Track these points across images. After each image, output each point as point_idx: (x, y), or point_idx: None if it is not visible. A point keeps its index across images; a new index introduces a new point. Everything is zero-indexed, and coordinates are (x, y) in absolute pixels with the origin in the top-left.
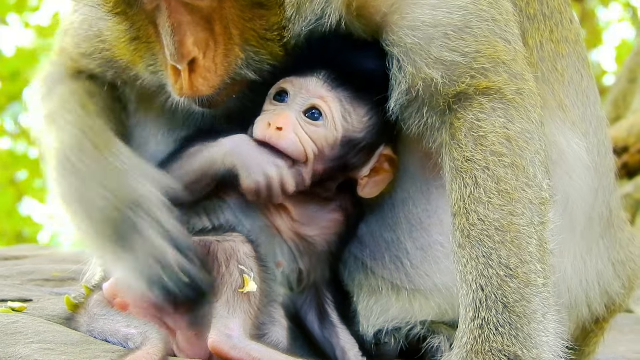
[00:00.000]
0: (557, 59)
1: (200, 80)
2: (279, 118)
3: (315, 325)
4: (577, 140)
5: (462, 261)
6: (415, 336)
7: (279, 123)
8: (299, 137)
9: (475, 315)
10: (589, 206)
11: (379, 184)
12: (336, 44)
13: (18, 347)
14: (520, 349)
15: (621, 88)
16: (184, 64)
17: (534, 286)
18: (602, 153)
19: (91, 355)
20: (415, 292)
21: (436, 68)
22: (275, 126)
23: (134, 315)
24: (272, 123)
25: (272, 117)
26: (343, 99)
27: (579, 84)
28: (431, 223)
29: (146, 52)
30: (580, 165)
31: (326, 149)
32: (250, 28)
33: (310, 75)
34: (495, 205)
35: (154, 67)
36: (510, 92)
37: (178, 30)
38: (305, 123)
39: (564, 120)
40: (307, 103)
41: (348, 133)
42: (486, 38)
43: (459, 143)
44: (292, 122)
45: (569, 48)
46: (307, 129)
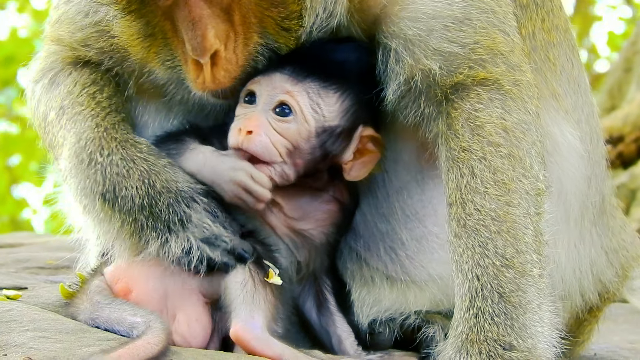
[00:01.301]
0: (549, 48)
1: (223, 72)
2: (248, 122)
3: (312, 313)
4: (570, 130)
5: (458, 251)
6: (409, 326)
7: (249, 127)
8: (269, 138)
9: (471, 304)
10: (583, 194)
11: (366, 166)
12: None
13: (13, 335)
14: (515, 339)
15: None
16: (207, 57)
17: (529, 276)
18: (594, 141)
19: (86, 343)
20: (410, 283)
21: (435, 59)
22: (246, 131)
23: (136, 300)
24: (243, 128)
25: (242, 121)
26: (310, 91)
27: (571, 72)
28: (426, 214)
29: (162, 48)
30: (574, 155)
31: (301, 142)
32: (268, 16)
33: (275, 71)
34: (492, 195)
35: (171, 63)
36: (508, 83)
37: (199, 24)
38: (275, 121)
39: (557, 109)
40: (275, 100)
41: (320, 123)
42: (485, 30)
43: (456, 133)
44: (261, 124)
45: (560, 36)
46: (278, 127)
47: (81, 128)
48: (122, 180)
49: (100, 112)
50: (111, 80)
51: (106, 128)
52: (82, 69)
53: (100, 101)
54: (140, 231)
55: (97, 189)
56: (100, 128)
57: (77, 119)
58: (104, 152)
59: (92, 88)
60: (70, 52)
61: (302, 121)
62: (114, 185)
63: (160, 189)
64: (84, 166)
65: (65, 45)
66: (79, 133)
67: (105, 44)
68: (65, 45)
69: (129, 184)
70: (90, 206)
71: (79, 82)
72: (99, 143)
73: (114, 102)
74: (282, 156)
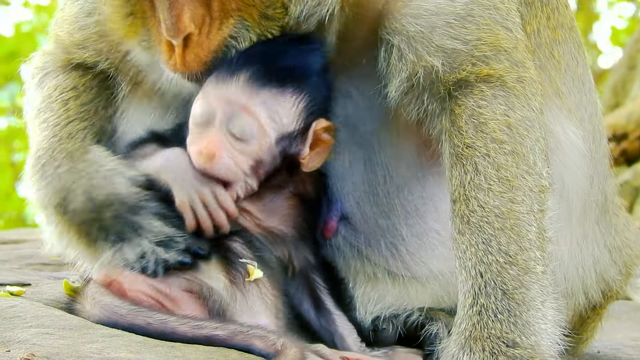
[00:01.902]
0: (554, 46)
1: (193, 56)
2: (208, 144)
3: (311, 314)
4: (573, 129)
5: (462, 247)
6: (413, 323)
7: (210, 150)
8: (232, 159)
9: (474, 301)
10: (585, 193)
11: (321, 155)
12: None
13: (16, 332)
14: (518, 336)
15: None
16: (180, 39)
17: (533, 273)
18: (597, 140)
19: (90, 339)
20: (412, 279)
21: (437, 56)
22: (207, 154)
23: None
24: (204, 151)
25: (201, 143)
26: (267, 100)
27: (575, 70)
28: (427, 210)
29: (141, 27)
30: (577, 153)
31: (263, 155)
32: (250, 5)
33: (228, 81)
34: (496, 192)
35: (147, 44)
36: (511, 79)
37: (175, 5)
38: (235, 142)
39: (560, 107)
40: (233, 119)
41: (279, 131)
42: (488, 26)
43: (460, 130)
44: (222, 147)
45: (565, 34)
46: (239, 147)
47: (41, 137)
48: (68, 194)
49: (63, 120)
50: (96, 85)
51: (61, 138)
52: (70, 72)
53: (69, 109)
54: (95, 242)
55: (50, 202)
56: (55, 138)
57: (42, 126)
58: (54, 163)
59: (69, 94)
60: (63, 56)
61: (262, 136)
62: (63, 198)
63: (104, 202)
64: (37, 177)
65: (62, 47)
66: (38, 142)
67: (104, 45)
68: (62, 46)
69: (76, 198)
70: (48, 217)
71: (60, 87)
72: (51, 154)
73: (85, 110)
74: (246, 173)
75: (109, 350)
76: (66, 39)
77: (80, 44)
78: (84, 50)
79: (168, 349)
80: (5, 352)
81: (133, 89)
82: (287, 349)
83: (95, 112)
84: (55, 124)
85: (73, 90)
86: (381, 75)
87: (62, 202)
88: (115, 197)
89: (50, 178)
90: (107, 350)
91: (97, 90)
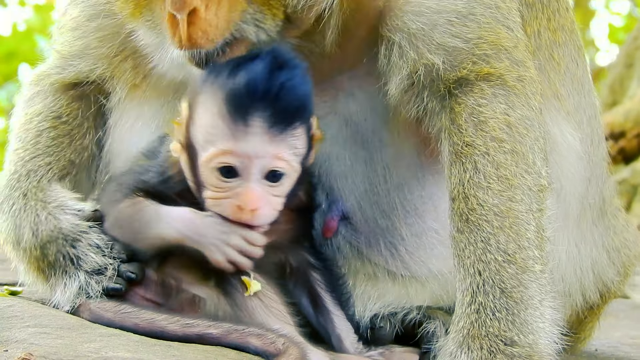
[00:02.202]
0: (554, 48)
1: (200, 33)
2: (250, 201)
3: (309, 311)
4: (571, 131)
5: (460, 246)
6: (411, 321)
7: (253, 206)
8: (271, 205)
9: (473, 300)
10: (582, 195)
11: (315, 150)
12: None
13: (14, 331)
14: (517, 335)
15: (618, 73)
16: (184, 13)
17: (531, 272)
18: (595, 142)
19: (87, 339)
20: (411, 279)
21: (438, 54)
22: (250, 211)
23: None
24: (244, 207)
25: (238, 198)
26: (288, 139)
27: (575, 72)
28: (426, 209)
29: (146, 5)
30: (574, 156)
31: (291, 187)
32: None
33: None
34: (495, 190)
35: (152, 22)
36: (512, 78)
37: None
38: (271, 188)
39: (559, 109)
40: (265, 170)
41: (300, 158)
42: (489, 25)
43: (460, 128)
44: (262, 198)
45: (566, 36)
46: (275, 191)
47: (6, 170)
48: (19, 231)
49: (28, 155)
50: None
51: (20, 175)
52: (60, 95)
53: (39, 142)
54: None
55: (7, 239)
56: (15, 175)
57: (11, 158)
58: (10, 202)
59: (47, 123)
60: (57, 76)
61: (291, 172)
62: (16, 236)
63: (49, 238)
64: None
65: (59, 62)
66: (4, 175)
67: (105, 50)
68: (59, 60)
69: (24, 236)
70: (10, 253)
71: (43, 113)
72: (9, 192)
73: (55, 144)
74: (279, 210)
75: (106, 349)
76: (65, 50)
77: (80, 52)
78: (81, 60)
79: (166, 348)
80: (3, 352)
81: (129, 94)
82: (289, 350)
83: (68, 145)
84: (20, 158)
85: (53, 120)
86: (382, 73)
87: (16, 239)
88: (58, 232)
89: (7, 215)
90: (105, 350)
91: (81, 118)
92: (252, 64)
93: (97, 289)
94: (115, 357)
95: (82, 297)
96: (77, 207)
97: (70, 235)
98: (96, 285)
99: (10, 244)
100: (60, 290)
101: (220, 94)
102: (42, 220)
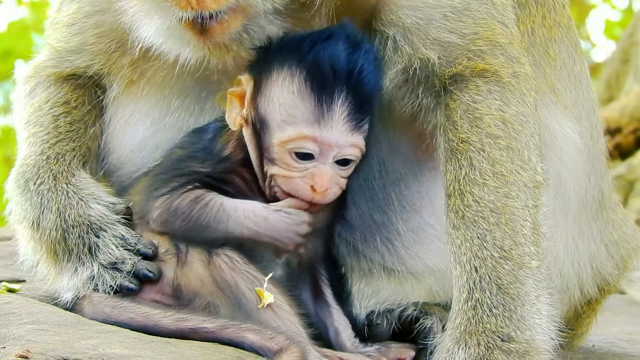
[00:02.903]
0: (549, 44)
1: None
2: (323, 182)
3: (309, 304)
4: (569, 124)
5: (457, 242)
6: (407, 317)
7: (325, 186)
8: (339, 185)
9: (469, 296)
10: (582, 189)
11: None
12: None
13: (12, 328)
14: (513, 331)
15: (614, 69)
16: None
17: (528, 268)
18: (594, 137)
19: (85, 335)
20: (407, 274)
21: (434, 49)
22: (321, 191)
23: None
24: (317, 188)
25: (311, 179)
26: (364, 127)
27: (572, 68)
28: (422, 205)
29: None
30: (574, 149)
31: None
32: None
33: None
34: (491, 187)
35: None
36: (507, 75)
37: None
38: (341, 171)
39: (556, 104)
40: (340, 156)
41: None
42: (484, 21)
43: (455, 124)
44: (333, 179)
45: (562, 33)
46: (344, 173)
47: (28, 152)
48: (44, 210)
49: (52, 138)
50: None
51: (49, 157)
52: (61, 84)
53: (59, 125)
54: (59, 262)
55: (26, 216)
56: (43, 156)
57: (30, 140)
58: (38, 181)
59: (60, 109)
60: (54, 69)
61: (359, 157)
62: (38, 214)
63: (73, 222)
64: (19, 191)
65: (55, 56)
66: (25, 157)
67: (103, 46)
68: (55, 55)
69: (49, 216)
70: (23, 232)
71: (51, 100)
72: (37, 172)
73: (74, 129)
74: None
75: (104, 346)
76: (61, 46)
77: (77, 48)
78: (78, 56)
79: (163, 345)
80: (1, 349)
81: (125, 90)
82: (291, 347)
83: (84, 131)
84: (45, 141)
85: (64, 106)
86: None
87: (37, 218)
88: (85, 219)
89: (31, 194)
90: (102, 346)
91: (88, 105)
92: (329, 42)
93: (110, 284)
94: (112, 353)
95: (89, 289)
96: (109, 200)
97: (96, 224)
98: (110, 280)
99: (27, 222)
100: (68, 276)
101: (300, 72)
102: (73, 204)
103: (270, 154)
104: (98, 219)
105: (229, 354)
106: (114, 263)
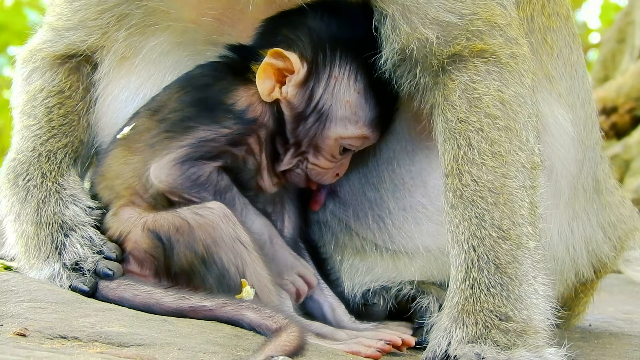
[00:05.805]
0: (547, 32)
1: None
2: (343, 170)
3: None
4: (562, 112)
5: (455, 222)
6: (404, 296)
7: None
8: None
9: (467, 275)
10: (574, 177)
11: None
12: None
13: (9, 306)
14: (511, 310)
15: (610, 48)
16: None
17: (525, 248)
18: (588, 127)
19: (82, 313)
20: (399, 253)
21: (432, 28)
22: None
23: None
24: (340, 175)
25: (340, 169)
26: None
27: (568, 57)
28: (415, 184)
29: None
30: (565, 137)
31: None
32: None
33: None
34: (489, 167)
35: None
36: (505, 55)
37: None
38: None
39: (550, 91)
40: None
41: None
42: (483, 1)
43: (453, 104)
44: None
45: (560, 23)
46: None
47: (21, 146)
48: (25, 206)
49: (45, 133)
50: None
51: (40, 154)
52: (57, 68)
53: (52, 119)
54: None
55: (11, 209)
56: (35, 153)
57: (23, 134)
58: (27, 177)
59: (54, 100)
60: (50, 49)
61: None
62: (20, 208)
63: (47, 220)
64: (8, 185)
65: (51, 35)
66: (17, 151)
67: (103, 21)
68: (52, 34)
69: (28, 211)
70: (7, 223)
71: (46, 89)
72: (27, 169)
73: (68, 122)
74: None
75: (102, 324)
76: (60, 23)
77: (77, 25)
78: (75, 32)
79: (160, 323)
80: None
81: (117, 65)
82: (290, 326)
83: (77, 122)
84: (37, 136)
85: (58, 96)
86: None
87: (18, 212)
88: (59, 217)
89: (18, 189)
90: (100, 324)
91: (82, 91)
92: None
93: (66, 284)
94: (110, 331)
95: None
96: (88, 204)
97: (68, 224)
98: (67, 280)
99: (12, 215)
100: (34, 273)
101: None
102: (51, 202)
103: (319, 144)
104: (71, 219)
105: (226, 332)
106: (77, 262)
